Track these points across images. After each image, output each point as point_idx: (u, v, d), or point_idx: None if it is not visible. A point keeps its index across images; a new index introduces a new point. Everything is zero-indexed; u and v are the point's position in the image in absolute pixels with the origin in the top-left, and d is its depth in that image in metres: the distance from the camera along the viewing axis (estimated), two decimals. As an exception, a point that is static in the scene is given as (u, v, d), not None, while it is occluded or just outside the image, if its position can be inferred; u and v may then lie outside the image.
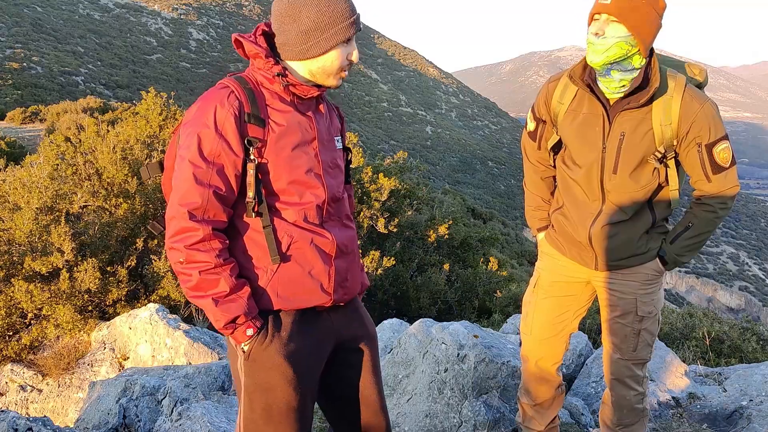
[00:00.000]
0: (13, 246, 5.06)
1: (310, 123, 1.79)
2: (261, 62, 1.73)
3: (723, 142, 2.06)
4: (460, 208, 16.80)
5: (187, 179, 1.65)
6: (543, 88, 2.33)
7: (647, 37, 1.96)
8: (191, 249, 1.64)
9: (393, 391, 3.31)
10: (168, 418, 3.30)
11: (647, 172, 2.13)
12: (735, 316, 19.14)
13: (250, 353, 1.73)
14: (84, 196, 5.61)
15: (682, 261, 2.23)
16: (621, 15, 1.92)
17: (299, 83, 1.74)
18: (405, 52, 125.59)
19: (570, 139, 2.23)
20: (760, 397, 3.17)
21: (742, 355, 5.53)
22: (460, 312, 8.69)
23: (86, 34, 65.12)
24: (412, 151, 60.70)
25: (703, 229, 2.18)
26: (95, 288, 4.95)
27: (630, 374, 2.35)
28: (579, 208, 2.26)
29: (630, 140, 2.09)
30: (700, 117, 2.03)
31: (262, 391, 1.74)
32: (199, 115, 1.69)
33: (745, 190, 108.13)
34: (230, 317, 1.67)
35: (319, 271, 1.78)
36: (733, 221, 75.40)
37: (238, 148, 1.67)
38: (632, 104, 2.05)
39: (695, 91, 2.07)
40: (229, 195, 1.69)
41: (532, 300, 2.49)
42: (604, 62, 1.99)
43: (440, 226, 10.06)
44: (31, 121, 25.61)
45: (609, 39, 1.95)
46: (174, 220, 1.66)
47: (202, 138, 1.65)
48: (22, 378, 4.87)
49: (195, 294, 1.68)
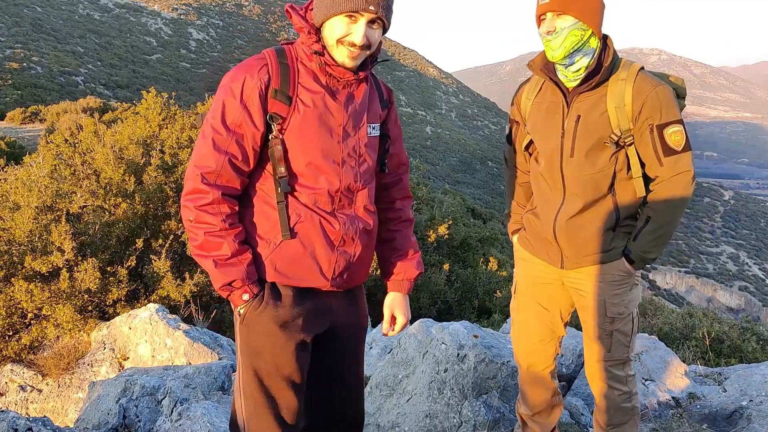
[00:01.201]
0: (13, 246, 5.06)
1: (339, 108, 1.77)
2: (304, 37, 1.74)
3: (675, 125, 2.07)
4: (459, 208, 16.79)
5: (206, 143, 1.71)
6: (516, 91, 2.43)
7: (594, 17, 2.04)
8: (200, 210, 1.69)
9: (393, 391, 3.31)
10: (168, 418, 3.30)
11: (604, 156, 2.14)
12: (735, 316, 19.13)
13: (245, 317, 1.77)
14: (84, 195, 5.61)
15: (648, 258, 2.18)
16: (564, 7, 2.01)
17: (334, 64, 1.72)
18: (405, 52, 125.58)
19: (536, 130, 2.29)
20: (760, 397, 3.17)
21: (742, 355, 5.53)
22: (460, 312, 8.69)
23: (86, 34, 65.10)
24: (412, 151, 60.69)
25: (663, 221, 2.13)
26: (95, 288, 4.95)
27: (610, 376, 2.34)
28: (546, 205, 2.30)
29: (585, 122, 2.13)
30: (652, 97, 2.05)
31: (253, 355, 1.79)
32: (229, 81, 1.72)
33: (745, 190, 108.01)
34: (227, 280, 1.72)
35: (320, 255, 1.79)
36: (732, 221, 75.41)
37: (259, 122, 1.70)
38: (587, 87, 2.11)
39: (650, 76, 2.11)
40: (244, 165, 1.73)
41: (516, 306, 2.51)
42: (564, 54, 2.06)
43: (440, 226, 10.06)
44: (31, 121, 25.61)
45: (562, 32, 2.03)
46: (189, 181, 1.72)
47: (227, 106, 1.69)
48: (21, 378, 4.87)
49: (198, 253, 1.74)
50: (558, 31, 2.02)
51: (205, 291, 5.67)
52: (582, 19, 2.01)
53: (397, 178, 2.04)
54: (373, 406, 3.29)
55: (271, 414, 1.79)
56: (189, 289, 5.35)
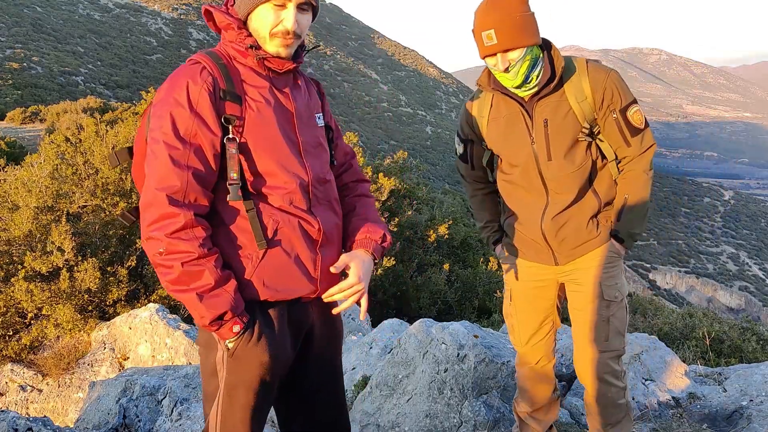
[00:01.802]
0: (13, 246, 5.06)
1: (287, 99, 1.69)
2: (233, 34, 1.63)
3: (634, 105, 2.15)
4: (460, 208, 16.79)
5: (163, 162, 1.52)
6: (462, 111, 2.42)
7: (534, 34, 2.05)
8: (172, 237, 1.51)
9: (393, 391, 3.31)
10: (168, 418, 3.30)
11: (581, 150, 2.19)
12: (735, 316, 19.14)
13: (235, 351, 1.62)
14: (84, 195, 5.61)
15: (635, 233, 2.26)
16: (513, 43, 2.00)
17: (271, 56, 1.62)
18: (405, 52, 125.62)
19: (500, 145, 2.30)
20: (760, 397, 3.17)
21: (742, 355, 5.52)
22: (460, 312, 8.69)
23: (86, 34, 65.11)
24: (412, 151, 60.66)
25: (639, 196, 2.21)
26: (95, 288, 4.95)
27: (609, 370, 2.34)
28: (527, 209, 2.31)
29: (554, 124, 2.16)
30: (609, 84, 2.12)
31: (245, 389, 1.65)
32: (169, 93, 1.56)
33: (745, 190, 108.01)
34: (216, 314, 1.55)
35: (305, 259, 1.68)
36: (733, 221, 75.42)
37: (215, 126, 1.56)
38: (545, 92, 2.13)
39: (597, 65, 2.17)
40: (209, 176, 1.57)
41: (512, 312, 2.53)
42: (522, 79, 2.08)
43: (440, 226, 10.06)
44: (31, 121, 25.61)
45: (516, 64, 2.04)
46: (152, 207, 1.53)
47: (176, 117, 1.54)
48: (22, 378, 4.87)
49: (177, 288, 1.55)
50: (513, 65, 2.04)
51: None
52: (528, 44, 2.02)
53: (347, 165, 1.97)
54: (373, 406, 3.29)
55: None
56: (189, 289, 5.34)
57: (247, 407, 1.67)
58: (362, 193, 1.97)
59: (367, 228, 1.85)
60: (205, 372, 1.73)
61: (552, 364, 2.54)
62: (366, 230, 1.85)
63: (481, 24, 2.01)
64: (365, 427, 3.24)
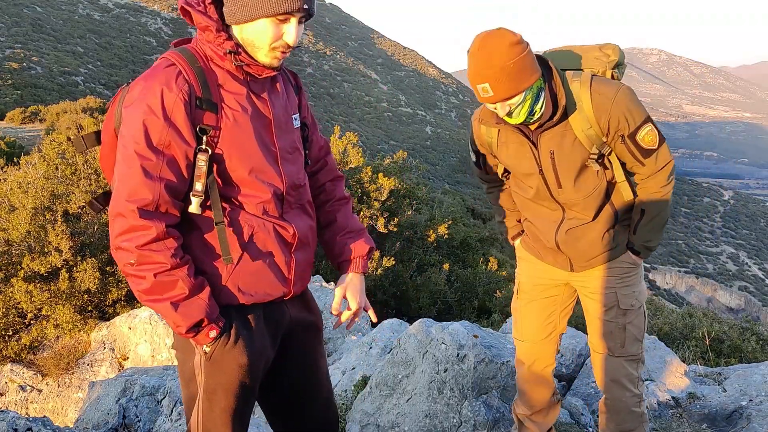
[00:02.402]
0: (12, 246, 5.06)
1: (265, 106, 1.64)
2: (211, 36, 1.55)
3: (644, 127, 2.06)
4: (459, 208, 16.80)
5: (135, 173, 1.48)
6: (471, 126, 2.38)
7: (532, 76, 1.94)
8: (143, 249, 1.48)
9: (393, 391, 3.31)
10: (168, 418, 3.30)
11: (591, 175, 2.15)
12: (735, 316, 19.15)
13: (212, 355, 1.62)
14: (83, 195, 5.60)
15: (651, 246, 2.24)
16: (510, 91, 1.93)
17: (252, 62, 1.57)
18: (405, 52, 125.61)
19: (511, 167, 2.30)
20: (759, 397, 3.17)
21: (741, 355, 5.52)
22: (460, 312, 8.69)
23: (86, 34, 65.09)
24: (412, 151, 60.66)
25: (657, 211, 2.18)
26: (95, 288, 4.95)
27: (625, 373, 2.33)
28: (542, 219, 2.31)
29: (560, 155, 2.12)
30: (614, 111, 2.03)
31: (224, 392, 1.65)
32: (143, 98, 1.49)
33: (744, 190, 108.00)
34: (192, 322, 1.54)
35: (280, 262, 1.68)
36: (732, 221, 75.41)
37: (189, 137, 1.51)
38: (548, 124, 2.09)
39: (602, 86, 2.05)
40: (181, 186, 1.54)
41: (518, 306, 2.52)
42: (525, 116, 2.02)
43: (440, 226, 10.07)
44: (31, 121, 25.59)
45: (518, 107, 1.98)
46: (121, 218, 1.49)
47: (149, 126, 1.48)
48: (21, 378, 4.87)
49: (150, 298, 1.53)
50: (514, 108, 1.99)
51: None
52: (527, 87, 1.94)
53: (322, 162, 1.94)
54: (373, 406, 3.29)
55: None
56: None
57: (228, 410, 1.67)
58: (340, 197, 1.95)
59: (354, 246, 1.89)
60: (184, 377, 1.73)
61: (551, 368, 2.52)
62: (354, 249, 1.88)
63: (475, 77, 1.93)
64: (365, 427, 3.24)
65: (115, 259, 1.54)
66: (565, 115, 2.08)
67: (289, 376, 1.85)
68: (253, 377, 1.68)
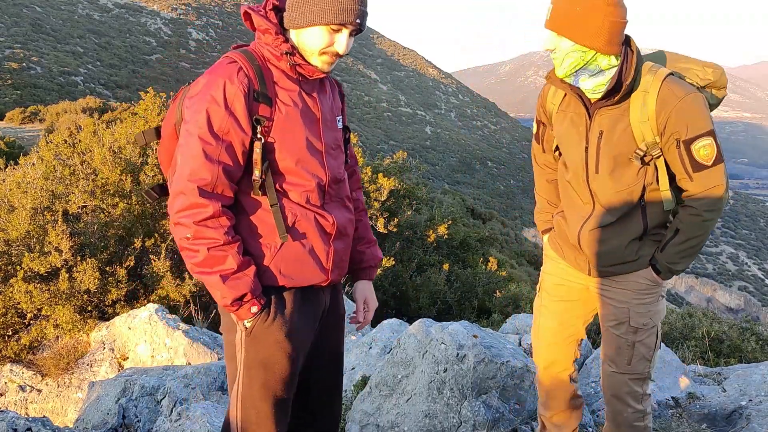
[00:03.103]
0: (12, 246, 5.06)
1: (315, 104, 1.80)
2: (270, 38, 1.73)
3: (704, 138, 1.93)
4: (459, 208, 16.80)
5: (196, 155, 1.64)
6: (541, 90, 2.33)
7: (596, 40, 1.88)
8: (200, 225, 1.64)
9: (392, 391, 3.31)
10: (167, 418, 3.30)
11: (631, 172, 2.06)
12: (734, 316, 19.15)
13: (252, 330, 1.74)
14: (82, 196, 5.60)
15: (676, 269, 2.10)
16: (561, 29, 1.91)
17: (305, 63, 1.73)
18: (404, 52, 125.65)
19: (561, 140, 2.23)
20: (759, 396, 3.17)
21: (741, 355, 5.52)
22: (460, 312, 8.70)
23: (85, 34, 65.07)
24: (412, 151, 60.66)
25: (692, 234, 2.04)
26: (94, 288, 4.95)
27: (628, 390, 2.26)
28: (573, 210, 2.25)
29: (608, 138, 2.04)
30: (677, 111, 1.92)
31: (262, 368, 1.76)
32: (207, 89, 1.67)
33: (744, 190, 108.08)
34: (237, 294, 1.67)
35: (319, 250, 1.81)
36: (732, 221, 75.44)
37: (246, 126, 1.67)
38: (608, 102, 2.01)
39: (675, 84, 1.95)
40: (236, 171, 1.70)
41: (538, 304, 2.48)
42: (566, 74, 1.99)
43: (439, 226, 10.07)
44: (31, 121, 25.59)
45: (559, 53, 1.96)
46: (182, 196, 1.65)
47: (212, 114, 1.65)
48: (21, 378, 4.87)
49: (201, 270, 1.67)
50: (557, 50, 1.96)
51: (204, 291, 5.66)
52: (580, 42, 1.90)
53: (352, 171, 2.09)
54: (373, 406, 3.29)
55: (272, 422, 1.79)
56: (188, 289, 5.35)
57: (267, 386, 1.77)
58: (362, 208, 2.13)
59: (370, 256, 2.09)
60: (228, 355, 1.84)
61: (568, 373, 2.45)
62: (369, 259, 2.09)
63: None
64: (364, 427, 3.24)
65: (173, 233, 1.70)
66: (628, 95, 1.98)
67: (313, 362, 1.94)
68: (291, 355, 1.78)
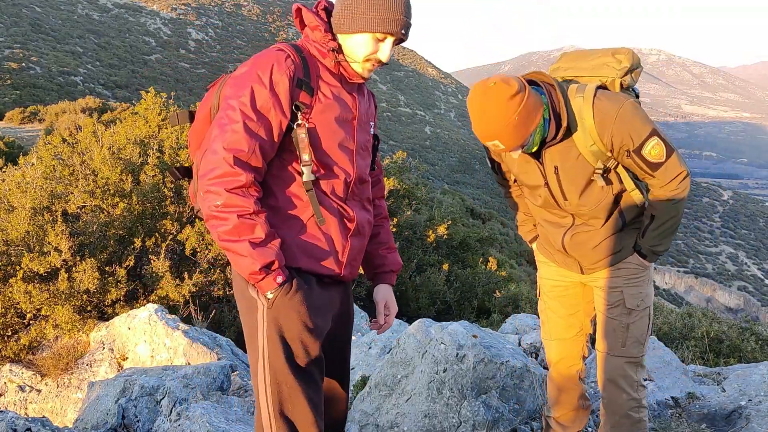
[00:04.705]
0: (11, 246, 5.06)
1: (354, 102, 1.86)
2: (319, 35, 1.79)
3: (650, 141, 2.04)
4: (459, 208, 16.79)
5: (236, 128, 1.67)
6: None
7: (534, 120, 2.00)
8: (232, 192, 1.66)
9: (392, 391, 3.31)
10: (167, 418, 3.29)
11: (596, 189, 2.18)
12: (734, 316, 19.13)
13: (275, 302, 1.74)
14: (81, 196, 5.60)
15: (658, 250, 2.25)
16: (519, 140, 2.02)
17: (348, 65, 1.80)
18: (404, 52, 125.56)
19: (520, 178, 2.36)
20: (758, 396, 3.17)
21: (741, 355, 5.52)
22: (459, 312, 8.70)
23: (85, 34, 65.04)
24: (411, 151, 60.67)
25: (667, 217, 2.18)
26: (94, 288, 4.94)
27: (622, 374, 2.31)
28: (551, 224, 2.37)
29: (564, 170, 2.16)
30: (617, 127, 2.03)
31: (284, 340, 1.76)
32: (254, 69, 1.72)
33: (743, 190, 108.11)
34: (266, 261, 1.68)
35: (337, 243, 1.85)
36: (731, 221, 75.45)
37: (287, 109, 1.72)
38: (554, 142, 2.13)
39: (605, 102, 2.06)
40: (270, 151, 1.74)
41: (543, 307, 2.58)
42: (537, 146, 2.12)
43: (439, 226, 10.07)
44: (30, 121, 25.57)
45: (528, 146, 2.08)
46: (218, 164, 1.67)
47: (256, 92, 1.70)
48: (20, 378, 4.86)
49: (229, 238, 1.67)
50: (526, 148, 2.09)
51: (204, 291, 5.66)
52: (535, 127, 2.02)
53: (377, 179, 2.14)
54: (372, 406, 3.29)
55: (305, 397, 1.78)
56: (188, 289, 5.35)
57: (292, 359, 1.77)
58: (385, 215, 2.19)
59: (391, 261, 2.14)
60: (249, 338, 1.82)
61: (577, 369, 2.52)
62: (390, 263, 2.14)
63: (482, 135, 2.00)
64: (364, 427, 3.24)
65: (201, 203, 1.71)
66: (568, 132, 2.10)
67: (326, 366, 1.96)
68: (312, 330, 1.78)
